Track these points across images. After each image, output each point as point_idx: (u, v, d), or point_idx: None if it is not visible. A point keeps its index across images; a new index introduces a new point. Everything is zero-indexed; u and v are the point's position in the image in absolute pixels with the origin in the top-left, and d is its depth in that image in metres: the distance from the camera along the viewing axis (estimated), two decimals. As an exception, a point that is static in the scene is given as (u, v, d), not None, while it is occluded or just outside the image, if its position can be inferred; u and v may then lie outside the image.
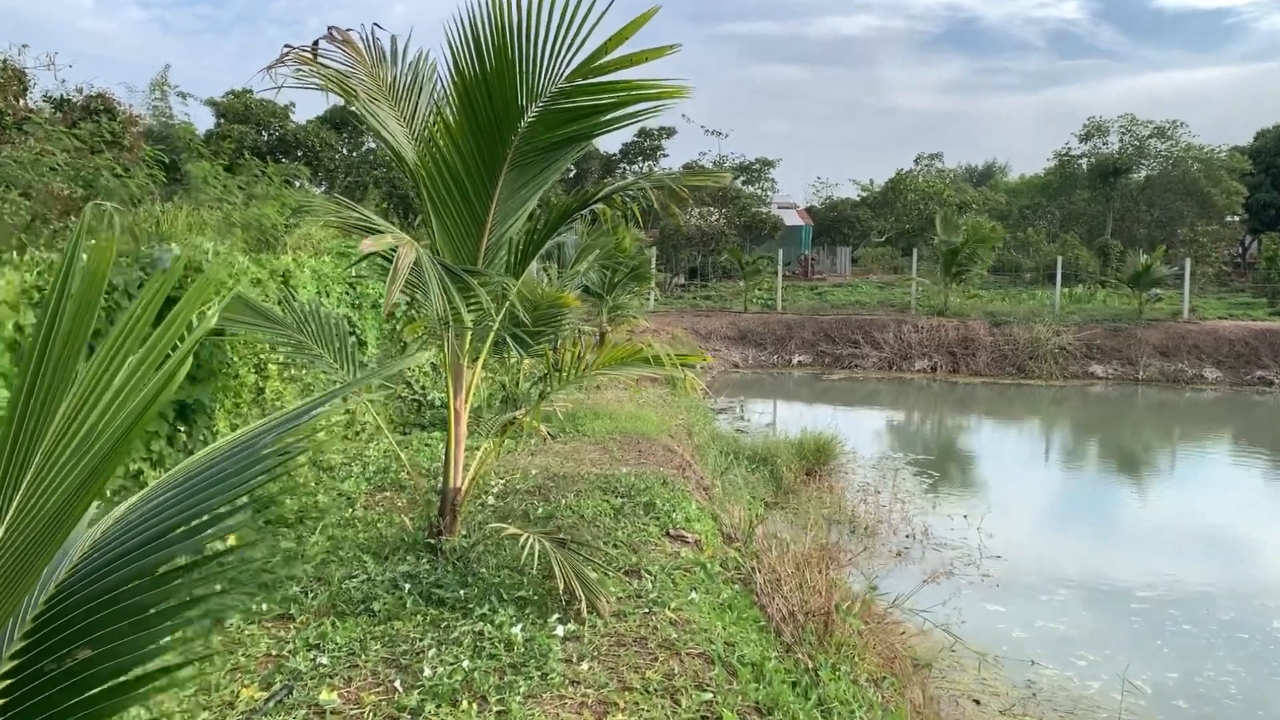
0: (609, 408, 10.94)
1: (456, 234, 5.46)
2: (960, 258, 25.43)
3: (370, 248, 4.38)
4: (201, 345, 5.63)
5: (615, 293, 18.39)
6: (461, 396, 5.60)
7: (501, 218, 5.57)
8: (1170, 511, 12.28)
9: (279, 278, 7.26)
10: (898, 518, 10.75)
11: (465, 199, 5.34)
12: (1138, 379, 22.57)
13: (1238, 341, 22.80)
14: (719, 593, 5.45)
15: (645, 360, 5.27)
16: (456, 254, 5.50)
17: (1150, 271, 24.16)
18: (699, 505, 7.40)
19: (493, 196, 5.37)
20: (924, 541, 10.02)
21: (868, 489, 12.23)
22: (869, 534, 10.10)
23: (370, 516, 6.40)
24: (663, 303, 30.49)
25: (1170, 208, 51.22)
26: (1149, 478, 14.62)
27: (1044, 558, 9.89)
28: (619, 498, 7.06)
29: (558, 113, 5.09)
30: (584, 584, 4.70)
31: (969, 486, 13.34)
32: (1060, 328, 23.63)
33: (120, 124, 17.20)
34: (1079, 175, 54.84)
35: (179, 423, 5.45)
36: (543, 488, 7.37)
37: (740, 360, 24.60)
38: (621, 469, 8.09)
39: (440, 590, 4.94)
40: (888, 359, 24.08)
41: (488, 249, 5.57)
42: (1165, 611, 8.29)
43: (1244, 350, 22.68)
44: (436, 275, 4.56)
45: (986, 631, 7.57)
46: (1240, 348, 22.68)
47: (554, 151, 5.41)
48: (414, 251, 4.54)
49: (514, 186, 5.46)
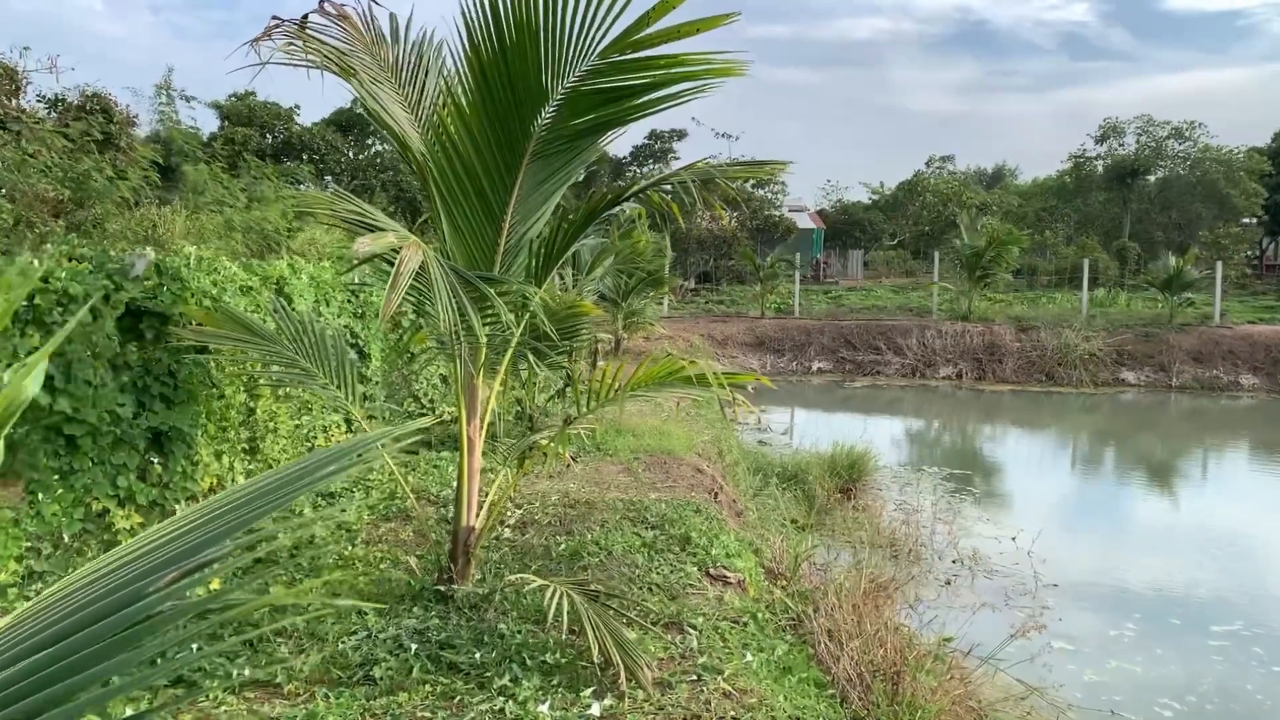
0: (631, 422, 10.21)
1: (470, 235, 4.74)
2: (984, 261, 24.65)
3: (367, 249, 3.67)
4: (179, 364, 4.92)
5: (631, 299, 17.68)
6: (476, 421, 4.88)
7: (522, 216, 4.85)
8: (1232, 531, 11.49)
9: (272, 285, 6.55)
10: (942, 540, 9.99)
11: (480, 194, 4.63)
12: (1171, 386, 21.75)
13: (1274, 347, 21.96)
14: (773, 648, 4.71)
15: (688, 380, 4.54)
16: (470, 257, 4.78)
17: (1182, 275, 23.33)
18: (737, 536, 6.66)
19: (512, 192, 4.65)
20: (973, 567, 9.26)
21: (905, 507, 11.47)
22: (913, 559, 9.35)
23: (372, 555, 5.67)
24: (676, 308, 29.78)
25: (1188, 209, 50.34)
26: (1204, 493, 13.82)
27: (1104, 585, 9.12)
28: (650, 530, 6.32)
29: (589, 95, 4.38)
30: (622, 647, 3.97)
31: (1012, 503, 12.57)
32: (1089, 333, 22.82)
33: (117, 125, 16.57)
34: (1095, 177, 53.99)
35: (152, 453, 4.75)
36: (564, 518, 6.64)
37: (759, 367, 23.83)
38: (650, 494, 7.35)
39: (452, 652, 4.22)
40: (911, 365, 23.30)
41: (505, 252, 4.85)
42: (1249, 649, 7.52)
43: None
44: (446, 282, 3.84)
45: (1059, 674, 6.80)
46: (1277, 353, 21.84)
47: (582, 140, 4.69)
48: (420, 254, 3.83)
49: (536, 180, 4.74)
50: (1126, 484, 14.46)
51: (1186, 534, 11.38)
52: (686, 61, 4.19)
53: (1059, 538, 10.32)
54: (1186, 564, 9.93)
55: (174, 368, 4.89)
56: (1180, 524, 11.96)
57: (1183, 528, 11.74)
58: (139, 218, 13.06)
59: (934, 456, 15.96)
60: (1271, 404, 20.43)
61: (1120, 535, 11.22)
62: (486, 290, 4.04)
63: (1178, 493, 13.70)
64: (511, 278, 4.69)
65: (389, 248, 3.80)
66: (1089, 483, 14.45)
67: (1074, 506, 12.77)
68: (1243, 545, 10.87)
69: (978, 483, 13.30)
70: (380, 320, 4.21)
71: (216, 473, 5.42)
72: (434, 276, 3.81)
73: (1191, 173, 50.77)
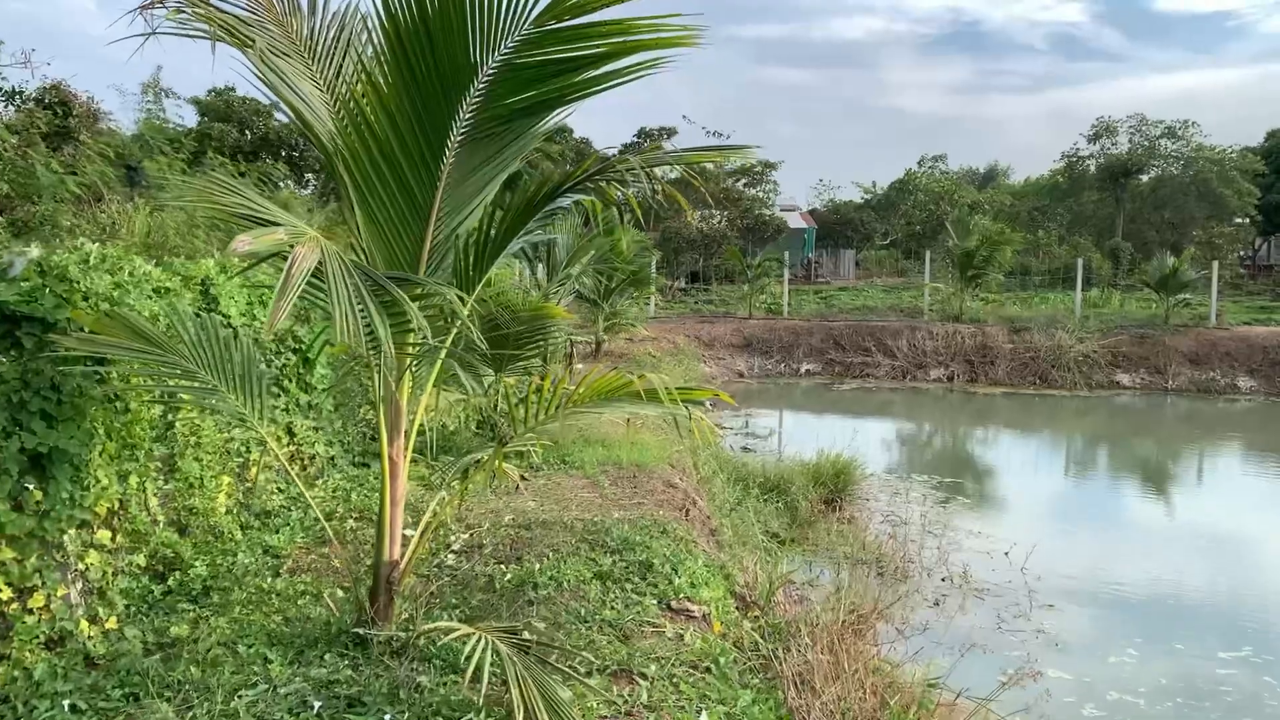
0: (601, 430, 9.63)
1: (390, 230, 4.16)
2: (976, 260, 24.12)
3: (247, 248, 3.10)
4: (65, 376, 4.33)
5: (613, 299, 17.12)
6: (399, 443, 4.30)
7: (452, 208, 4.28)
8: (1237, 541, 10.96)
9: (196, 286, 5.97)
10: (931, 555, 9.44)
11: (402, 184, 4.06)
12: (1167, 388, 21.24)
13: (1272, 349, 21.46)
14: (735, 699, 4.14)
15: (637, 395, 3.97)
16: (390, 256, 4.21)
17: (1178, 275, 22.81)
18: (706, 561, 6.09)
19: (439, 181, 4.08)
20: (963, 585, 8.71)
21: (892, 518, 10.93)
22: (900, 576, 8.79)
23: (293, 587, 5.10)
24: (663, 308, 29.17)
25: (1182, 209, 49.97)
26: (1204, 501, 13.26)
27: (1102, 604, 8.58)
28: (609, 555, 5.75)
29: (524, 69, 3.81)
30: (555, 709, 3.41)
31: (1005, 512, 12.00)
32: (1083, 334, 22.29)
33: (77, 119, 15.95)
34: (1087, 176, 53.59)
35: (29, 478, 4.16)
36: (516, 540, 6.07)
37: (745, 369, 23.27)
38: (614, 513, 6.78)
39: (360, 711, 3.65)
40: (901, 368, 22.75)
41: (433, 248, 4.28)
42: (1259, 679, 6.99)
43: (1279, 358, 21.34)
44: (347, 286, 3.27)
45: (1056, 709, 6.26)
46: (1275, 355, 21.33)
47: (520, 121, 4.12)
48: (316, 253, 3.26)
49: (467, 167, 4.17)
50: (1123, 492, 13.91)
51: (1187, 545, 10.84)
52: (633, 29, 3.64)
53: (1054, 550, 9.76)
54: (1188, 578, 9.38)
55: (58, 380, 4.31)
56: (1180, 534, 11.42)
57: (1183, 538, 11.20)
58: (93, 215, 12.45)
59: (924, 462, 15.42)
60: (1270, 407, 19.94)
61: (1118, 547, 10.65)
62: (399, 294, 3.47)
63: (1177, 501, 13.16)
64: (437, 280, 4.11)
65: (277, 246, 3.23)
66: (1084, 491, 13.88)
67: (1069, 516, 12.19)
68: (1249, 557, 10.34)
69: (969, 490, 12.76)
70: (266, 331, 3.63)
71: (117, 496, 4.84)
72: (331, 278, 3.24)
73: (1184, 172, 50.43)
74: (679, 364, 18.80)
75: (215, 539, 5.87)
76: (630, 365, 17.21)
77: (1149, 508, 12.76)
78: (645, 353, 18.41)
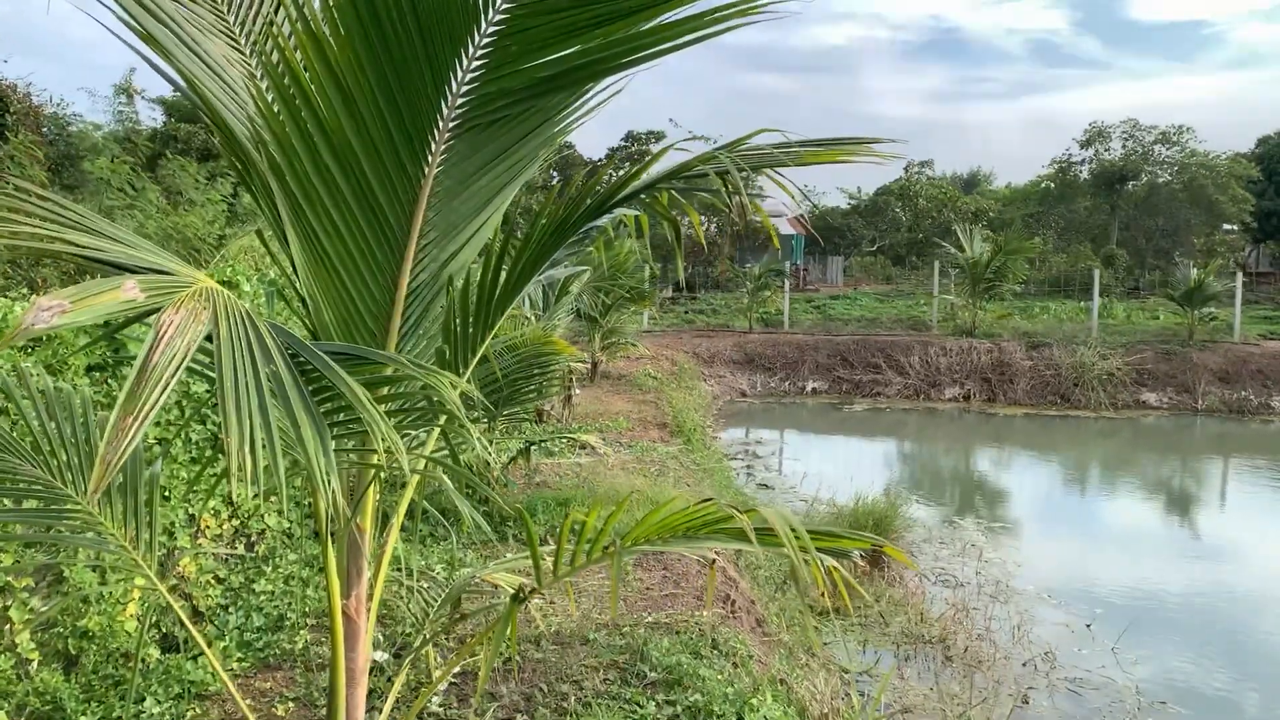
0: (614, 482, 8.13)
1: (346, 268, 2.68)
2: (988, 271, 22.75)
3: (53, 319, 1.62)
4: None
5: (610, 315, 15.65)
6: (359, 592, 2.82)
7: (441, 231, 2.81)
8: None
9: (95, 331, 4.46)
10: (1003, 631, 8.02)
11: (362, 196, 2.59)
12: (1196, 409, 19.93)
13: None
14: None
15: (739, 534, 2.52)
16: (346, 309, 2.73)
17: (1203, 287, 21.52)
18: (774, 691, 4.61)
19: (419, 189, 2.62)
20: (1049, 673, 7.28)
21: (946, 577, 9.49)
22: (972, 663, 7.36)
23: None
24: (655, 320, 27.68)
25: (1176, 216, 49.01)
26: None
27: (1225, 707, 7.15)
28: (649, 694, 4.27)
29: (555, 9, 2.36)
30: None
31: (1073, 570, 10.08)
32: (1106, 351, 20.95)
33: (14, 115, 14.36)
34: (1079, 183, 52.62)
35: None
36: (524, 666, 4.58)
37: (748, 387, 21.81)
38: (645, 614, 5.30)
39: None
40: (914, 386, 21.33)
41: (412, 294, 2.80)
42: None
43: (1314, 376, 20.12)
44: (251, 389, 1.79)
45: None
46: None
47: (545, 98, 2.66)
48: (203, 320, 1.79)
49: (464, 170, 2.71)
50: (1211, 543, 12.04)
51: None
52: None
53: (1144, 622, 8.33)
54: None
55: None
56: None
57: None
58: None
59: (964, 501, 13.92)
60: (1312, 430, 18.68)
61: (1223, 617, 9.18)
62: (356, 397, 1.97)
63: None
64: (413, 361, 2.64)
65: (120, 311, 1.75)
66: (1161, 539, 12.04)
67: (1151, 575, 10.24)
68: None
69: (1024, 537, 11.25)
70: (114, 462, 2.18)
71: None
72: (223, 375, 1.75)
73: (1178, 178, 49.49)
74: (682, 386, 17.32)
75: (120, 668, 4.36)
76: (630, 387, 15.74)
77: (1245, 559, 11.21)
78: (645, 373, 16.92)
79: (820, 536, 2.48)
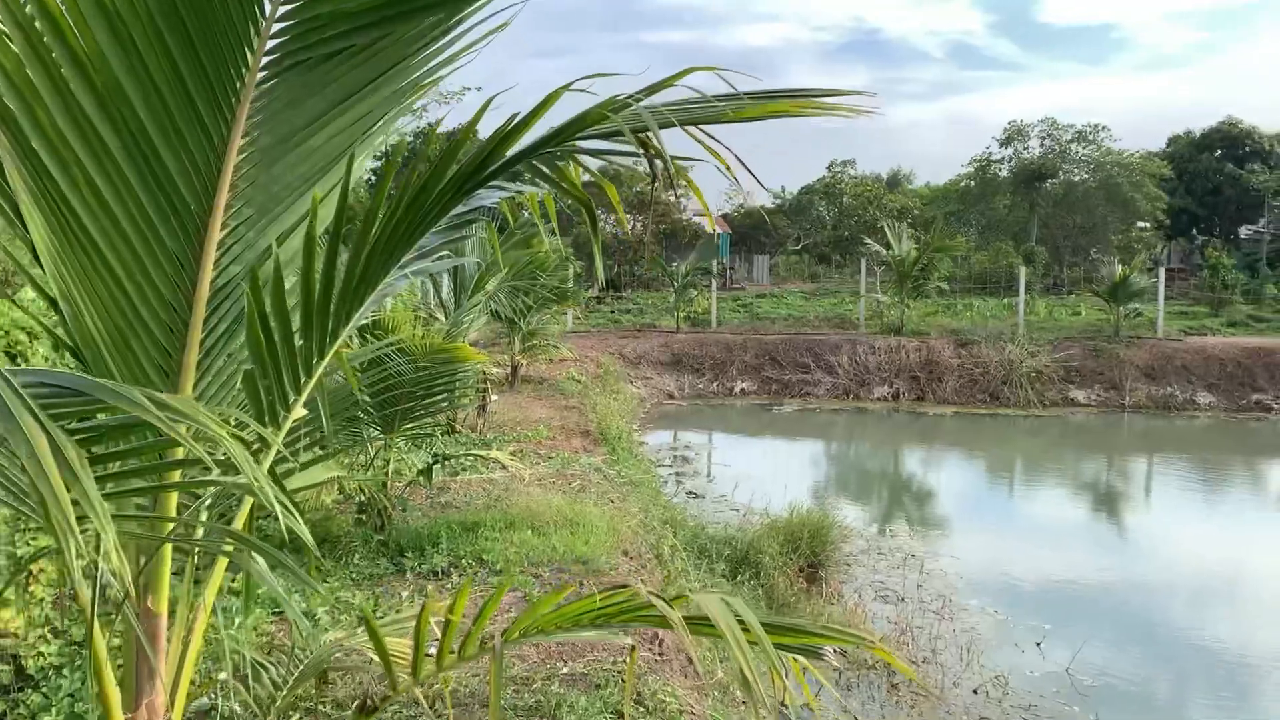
0: (531, 504, 7.38)
1: (119, 261, 1.92)
2: (915, 269, 22.50)
3: None
4: None
5: (532, 316, 14.85)
6: (149, 706, 2.06)
7: (262, 207, 2.07)
8: None
9: None
10: (949, 650, 7.49)
11: (139, 154, 1.84)
12: (1124, 405, 19.88)
13: (1229, 361, 20.32)
14: None
15: (656, 619, 1.84)
16: (118, 319, 1.97)
17: (1129, 283, 21.53)
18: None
19: (224, 148, 1.88)
20: (1001, 700, 6.76)
21: (885, 592, 8.96)
22: (921, 690, 6.81)
23: None
24: (579, 320, 26.90)
25: (1093, 213, 49.91)
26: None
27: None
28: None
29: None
30: None
31: (1015, 581, 9.45)
32: (1034, 348, 20.81)
33: None
34: (999, 181, 53.29)
35: None
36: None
37: (676, 389, 21.19)
38: (560, 664, 4.59)
39: None
40: (843, 386, 20.93)
41: (220, 295, 2.06)
42: None
43: (1236, 372, 20.20)
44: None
45: None
46: (1232, 368, 20.20)
47: (399, 23, 1.94)
48: None
49: (294, 122, 1.98)
50: (1150, 546, 11.76)
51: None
52: None
53: (1108, 644, 7.85)
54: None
55: None
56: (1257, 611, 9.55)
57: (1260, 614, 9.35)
58: None
59: (898, 508, 13.46)
60: (1235, 425, 18.74)
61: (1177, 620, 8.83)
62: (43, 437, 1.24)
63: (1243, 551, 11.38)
64: (207, 413, 1.90)
65: None
66: (1099, 544, 11.62)
67: (1096, 586, 9.63)
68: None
69: (961, 546, 10.73)
70: None
71: None
72: None
73: (1094, 176, 50.41)
74: (607, 390, 16.62)
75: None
76: (553, 392, 14.99)
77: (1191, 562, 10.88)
78: (569, 377, 16.18)
79: (779, 632, 1.81)
